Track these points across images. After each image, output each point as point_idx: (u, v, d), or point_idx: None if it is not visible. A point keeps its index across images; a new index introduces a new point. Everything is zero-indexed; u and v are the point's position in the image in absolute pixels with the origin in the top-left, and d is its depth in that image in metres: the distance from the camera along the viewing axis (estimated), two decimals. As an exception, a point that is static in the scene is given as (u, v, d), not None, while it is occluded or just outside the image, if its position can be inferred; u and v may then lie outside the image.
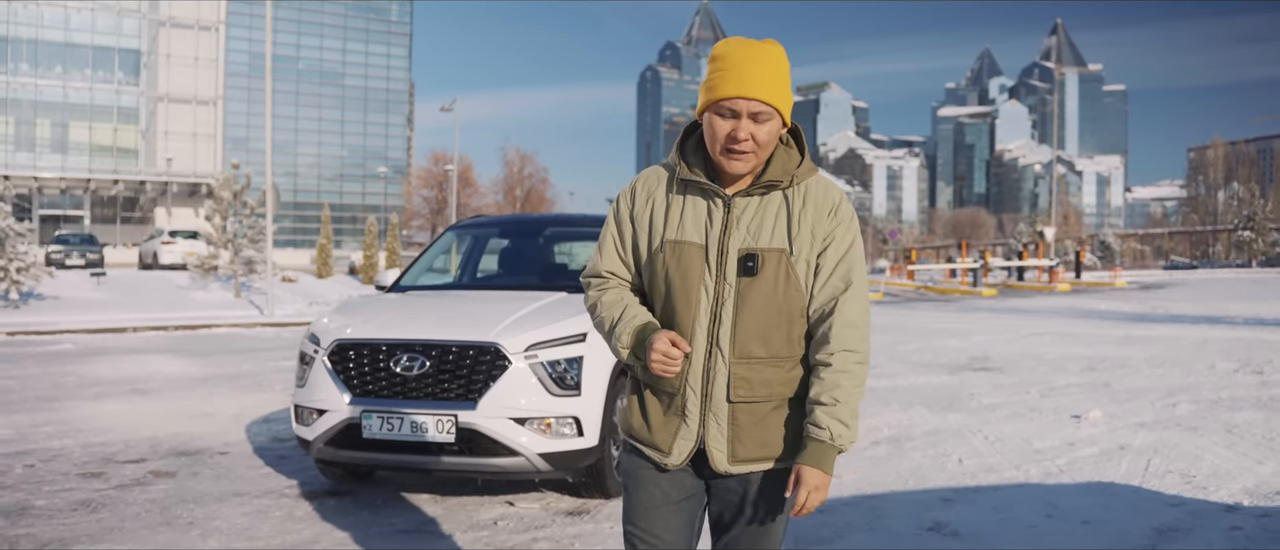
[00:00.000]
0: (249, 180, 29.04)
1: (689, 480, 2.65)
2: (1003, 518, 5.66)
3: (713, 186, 2.57)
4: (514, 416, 5.49)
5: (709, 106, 2.53)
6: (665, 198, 2.65)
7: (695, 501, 2.67)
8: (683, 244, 2.58)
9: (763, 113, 2.49)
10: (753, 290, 2.54)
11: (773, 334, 2.55)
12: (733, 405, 2.56)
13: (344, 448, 5.73)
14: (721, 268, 2.55)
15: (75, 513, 5.80)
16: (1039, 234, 54.15)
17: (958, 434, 8.27)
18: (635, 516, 2.66)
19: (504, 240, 7.96)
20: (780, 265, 2.55)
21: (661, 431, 2.60)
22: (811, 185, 2.61)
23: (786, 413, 2.59)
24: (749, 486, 2.62)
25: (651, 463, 2.63)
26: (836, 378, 2.50)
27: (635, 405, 2.68)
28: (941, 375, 12.35)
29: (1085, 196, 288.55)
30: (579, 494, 6.15)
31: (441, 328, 5.79)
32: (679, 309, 2.57)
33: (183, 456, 7.49)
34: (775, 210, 2.58)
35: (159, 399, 10.65)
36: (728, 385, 2.54)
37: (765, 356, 2.56)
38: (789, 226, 2.57)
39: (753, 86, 2.47)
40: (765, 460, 2.58)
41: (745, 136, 2.49)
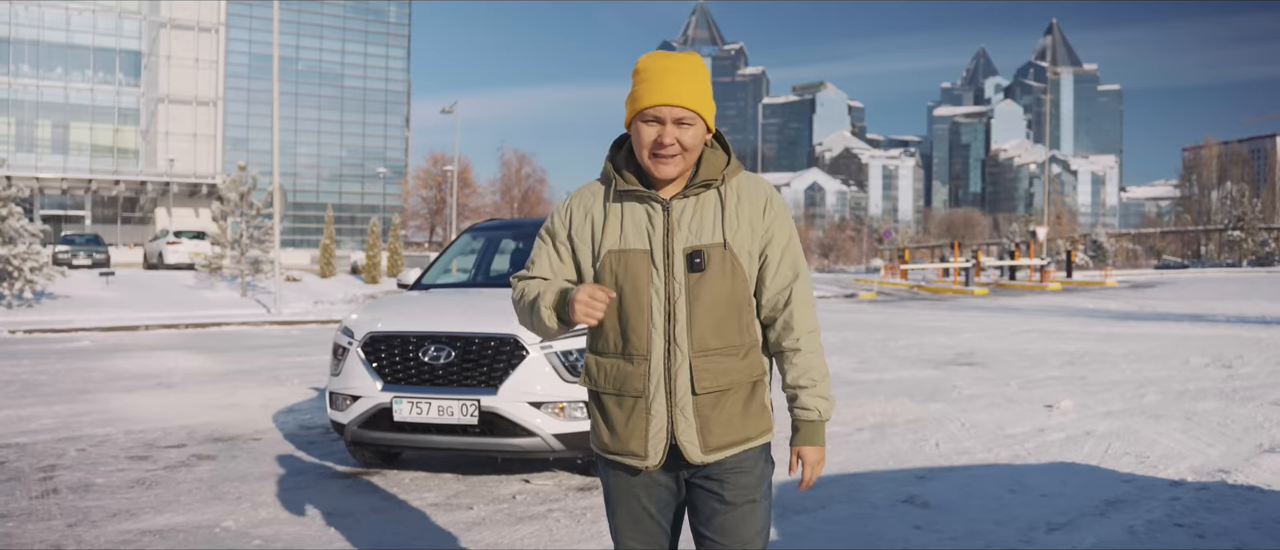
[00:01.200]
0: (255, 181, 29.63)
1: (665, 488, 2.77)
2: (970, 492, 6.29)
3: (649, 193, 2.69)
4: (531, 401, 6.12)
5: (636, 116, 2.67)
6: (603, 210, 2.76)
7: (673, 507, 2.81)
8: (627, 252, 2.69)
9: (685, 118, 2.64)
10: (702, 286, 2.67)
11: (726, 325, 2.69)
12: (697, 397, 2.67)
13: (376, 430, 6.35)
14: (669, 268, 2.67)
15: (133, 489, 6.42)
16: (1031, 234, 54.81)
17: (937, 421, 8.90)
18: (621, 533, 2.80)
19: (516, 241, 8.61)
20: (725, 259, 2.69)
21: (633, 438, 2.69)
22: (743, 182, 2.76)
23: (746, 396, 2.73)
24: (724, 474, 2.72)
25: (627, 471, 2.75)
26: (809, 360, 2.73)
27: (600, 419, 2.77)
28: (927, 369, 12.98)
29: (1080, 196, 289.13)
30: (588, 473, 6.78)
31: (465, 321, 6.42)
32: (632, 315, 2.67)
33: (219, 442, 8.11)
34: (712, 208, 2.71)
35: (185, 392, 11.25)
36: (691, 379, 2.66)
37: (721, 347, 2.69)
38: (726, 222, 2.71)
39: (674, 94, 2.62)
40: (735, 445, 2.71)
41: (671, 141, 2.63)
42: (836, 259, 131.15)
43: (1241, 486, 6.31)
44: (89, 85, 71.00)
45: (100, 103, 71.50)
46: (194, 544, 5.16)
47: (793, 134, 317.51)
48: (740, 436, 2.70)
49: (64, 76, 70.53)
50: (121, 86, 71.89)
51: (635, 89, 2.68)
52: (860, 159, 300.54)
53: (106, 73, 71.68)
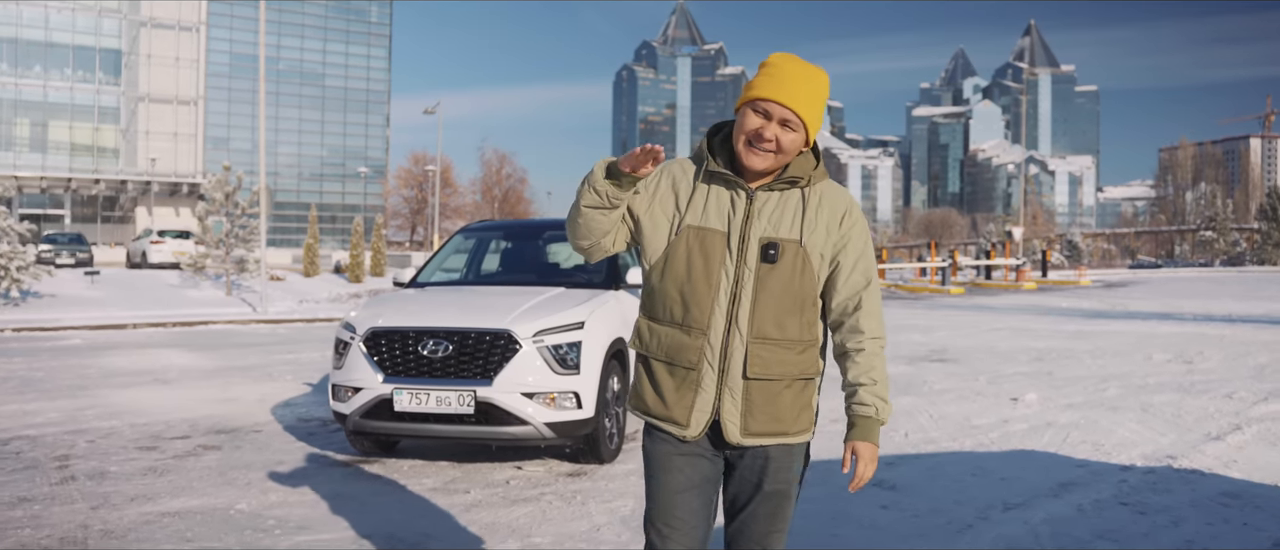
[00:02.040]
0: (241, 181, 29.90)
1: (706, 463, 2.84)
2: (935, 476, 6.73)
3: (737, 179, 2.78)
4: (524, 391, 6.53)
5: (747, 102, 2.74)
6: (691, 185, 2.83)
7: (713, 485, 2.86)
8: (706, 230, 2.77)
9: (791, 121, 2.71)
10: (772, 276, 2.75)
11: (787, 318, 2.77)
12: (748, 381, 2.75)
13: (378, 420, 6.76)
14: (742, 254, 2.75)
15: (146, 476, 6.79)
16: (1007, 234, 55.47)
17: (907, 413, 9.34)
18: (659, 502, 2.83)
19: (507, 242, 9.03)
20: (797, 255, 2.77)
21: (677, 405, 2.79)
22: (826, 188, 2.85)
23: (797, 391, 2.82)
24: (763, 462, 2.82)
25: (672, 438, 2.82)
26: (872, 360, 2.82)
27: (647, 383, 2.86)
28: (900, 365, 13.42)
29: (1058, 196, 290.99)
30: (577, 460, 7.19)
31: (461, 317, 6.83)
32: (699, 289, 2.76)
33: (222, 433, 8.48)
34: (794, 206, 2.80)
35: (182, 387, 11.59)
36: (744, 362, 2.75)
37: (779, 338, 2.77)
38: (804, 221, 2.80)
39: (789, 96, 2.69)
40: (775, 435, 2.79)
41: (770, 137, 2.70)
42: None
43: (1185, 470, 6.78)
44: (68, 84, 70.88)
45: (80, 101, 71.37)
46: (212, 524, 5.55)
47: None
48: (781, 428, 2.80)
49: (43, 75, 70.38)
50: (101, 85, 71.78)
51: (758, 78, 2.76)
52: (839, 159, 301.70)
53: (86, 71, 71.57)
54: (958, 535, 5.31)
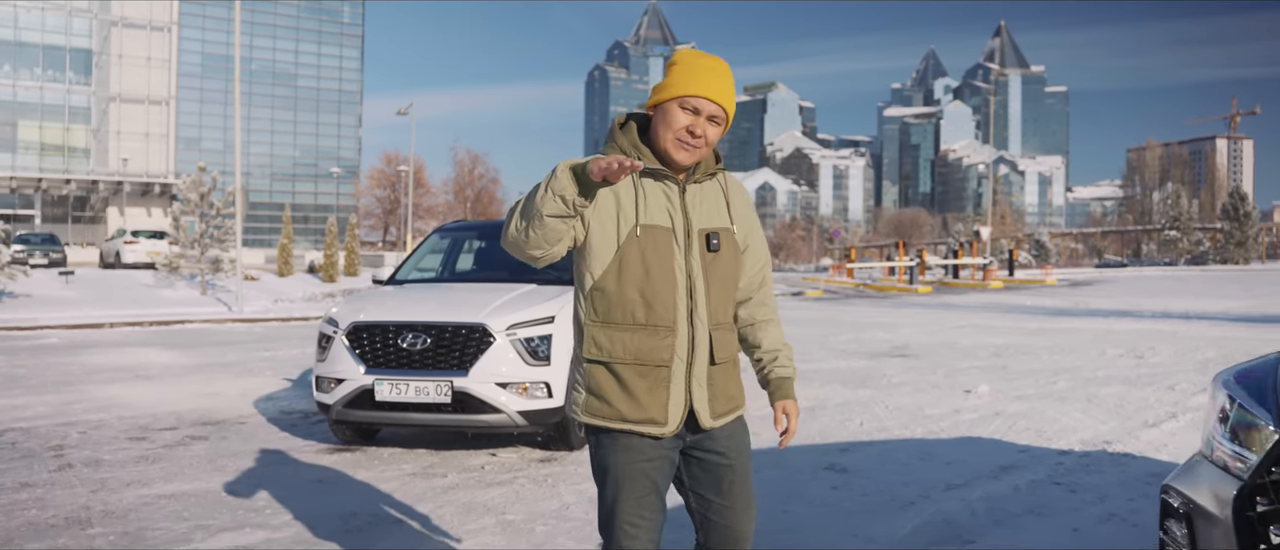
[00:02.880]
0: (216, 182, 30.10)
1: (668, 459, 2.87)
2: (885, 460, 7.17)
3: (670, 174, 2.83)
4: (498, 381, 6.94)
5: (673, 100, 2.78)
6: (631, 184, 2.82)
7: (672, 472, 2.92)
8: (655, 228, 2.79)
9: (718, 117, 2.79)
10: (716, 265, 2.85)
11: (728, 302, 2.92)
12: (712, 367, 2.86)
13: (360, 409, 7.15)
14: (689, 247, 2.82)
15: (139, 464, 7.15)
16: (975, 233, 56.20)
17: (864, 405, 9.80)
18: (622, 502, 2.82)
19: (481, 241, 9.43)
20: (731, 242, 2.90)
21: (653, 405, 2.79)
22: (732, 179, 3.01)
23: (735, 367, 2.97)
24: (727, 440, 2.92)
25: (638, 442, 2.81)
26: (779, 329, 3.08)
27: (615, 389, 2.81)
28: (861, 360, 13.89)
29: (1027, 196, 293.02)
30: (548, 447, 7.59)
31: (438, 312, 7.23)
32: (661, 287, 2.79)
33: (208, 425, 8.83)
34: (716, 196, 2.92)
35: (164, 383, 11.90)
36: (710, 350, 2.84)
37: (726, 322, 2.92)
38: (729, 210, 2.94)
39: (719, 92, 2.77)
40: (732, 412, 2.93)
41: (701, 133, 2.77)
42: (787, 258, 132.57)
43: (1119, 453, 7.26)
44: (38, 83, 70.64)
45: (50, 101, 71.16)
46: (206, 505, 5.92)
47: (744, 134, 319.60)
48: (735, 404, 2.94)
49: (12, 74, 70.13)
50: (72, 85, 71.58)
51: (676, 75, 2.80)
52: (811, 159, 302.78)
53: (56, 71, 71.33)
54: (900, 512, 5.75)
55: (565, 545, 5.13)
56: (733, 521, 2.91)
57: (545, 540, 5.21)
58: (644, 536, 2.80)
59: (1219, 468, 2.53)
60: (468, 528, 5.45)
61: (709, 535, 2.94)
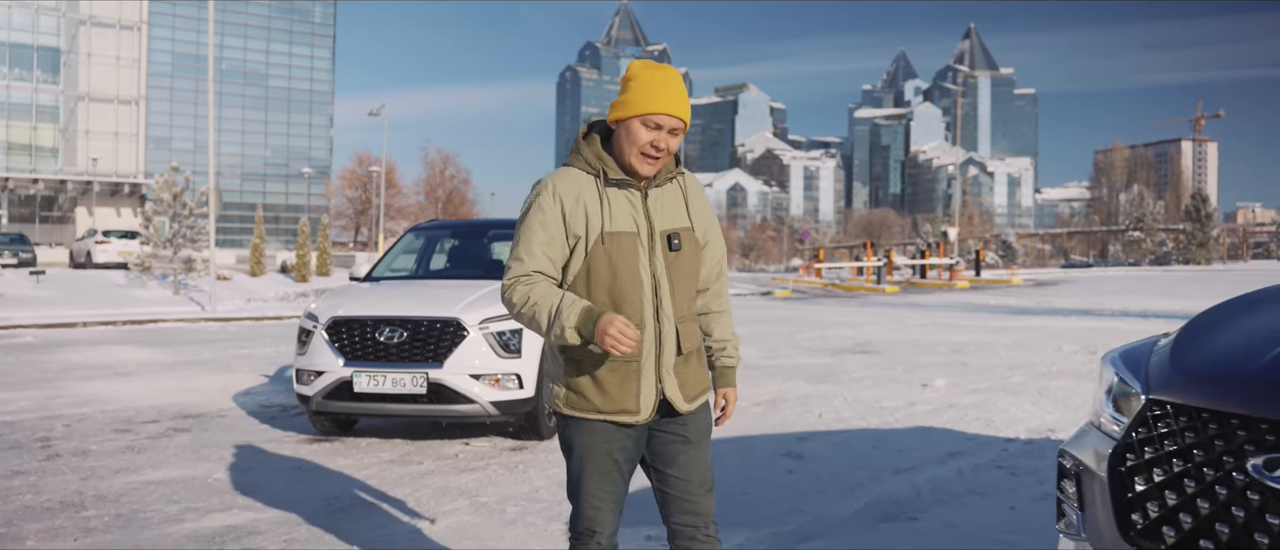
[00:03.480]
0: (188, 182, 30.22)
1: (633, 442, 3.10)
2: (840, 448, 7.55)
3: (632, 182, 3.04)
4: (471, 373, 7.27)
5: (635, 116, 2.96)
6: (597, 195, 3.01)
7: (638, 453, 3.15)
8: (619, 234, 2.98)
9: (677, 128, 2.99)
10: (678, 263, 3.06)
11: (691, 296, 3.14)
12: (680, 358, 3.08)
13: (339, 400, 7.46)
14: (652, 248, 3.02)
15: (126, 453, 7.44)
16: (943, 234, 56.87)
17: (824, 398, 10.18)
18: (588, 480, 3.07)
19: (454, 240, 9.77)
20: (691, 240, 3.11)
21: (625, 396, 3.01)
22: (690, 179, 3.20)
23: (701, 354, 3.21)
24: (686, 419, 3.13)
25: (606, 429, 3.04)
26: (730, 320, 3.32)
27: (588, 384, 3.03)
28: (825, 357, 14.29)
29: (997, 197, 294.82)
30: (519, 436, 7.92)
31: (414, 306, 7.56)
32: (627, 288, 2.99)
33: (189, 418, 9.11)
34: (676, 198, 3.12)
35: (143, 380, 12.15)
36: (677, 342, 3.06)
37: (690, 315, 3.14)
38: (690, 210, 3.14)
39: (677, 106, 2.96)
40: (701, 395, 3.16)
41: (663, 146, 2.97)
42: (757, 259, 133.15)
43: (1061, 440, 7.65)
44: (4, 82, 70.10)
45: (16, 100, 70.60)
46: (193, 490, 6.23)
47: (715, 135, 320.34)
48: (703, 386, 3.18)
49: (-23, 72, 69.56)
50: (39, 84, 71.05)
51: (636, 92, 2.97)
52: (782, 160, 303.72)
53: (23, 69, 70.79)
54: (850, 492, 6.13)
55: (535, 523, 5.47)
56: (690, 494, 3.13)
57: (516, 518, 5.56)
58: (605, 508, 3.07)
59: (1103, 433, 2.90)
60: (442, 508, 5.78)
61: (669, 510, 3.16)
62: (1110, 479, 2.65)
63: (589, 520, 3.09)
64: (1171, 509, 2.46)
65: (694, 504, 3.13)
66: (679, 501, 3.13)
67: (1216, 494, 2.35)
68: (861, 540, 5.13)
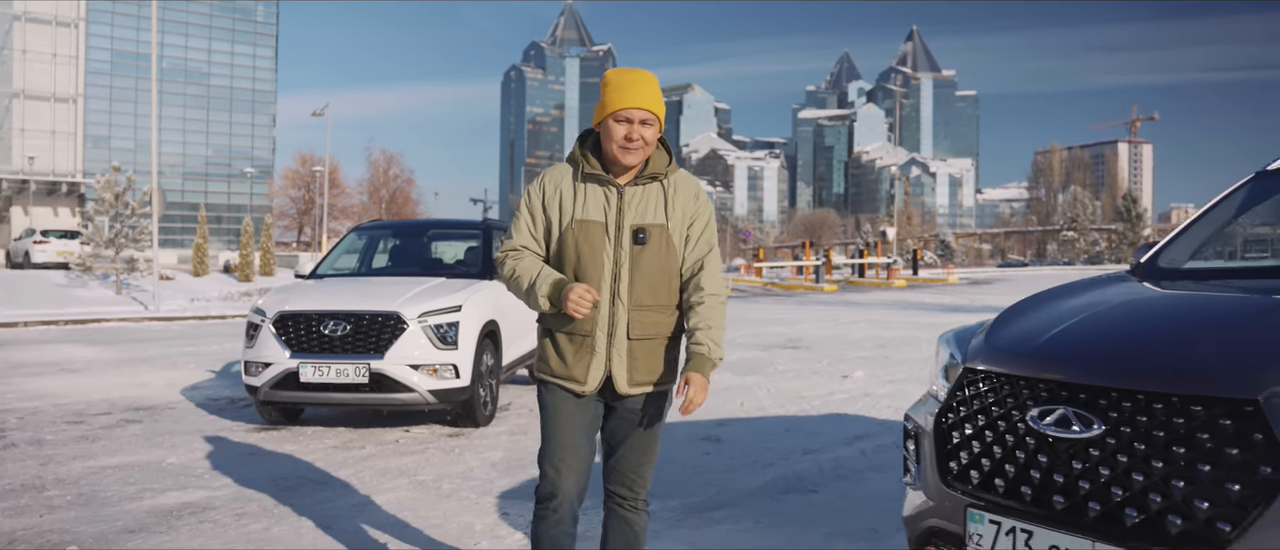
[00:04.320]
0: (131, 182, 30.24)
1: (592, 410, 3.48)
2: (756, 432, 8.12)
3: (608, 178, 3.41)
4: (410, 364, 7.76)
5: (609, 116, 3.36)
6: (572, 187, 3.44)
7: (595, 425, 3.52)
8: (588, 222, 3.38)
9: (648, 119, 3.36)
10: (643, 255, 3.38)
11: (659, 288, 3.41)
12: (631, 342, 3.38)
13: (286, 390, 7.92)
14: (619, 239, 3.38)
15: (81, 442, 7.83)
16: (881, 234, 57.92)
17: (748, 389, 10.76)
18: (555, 441, 3.45)
19: (396, 239, 10.25)
20: (662, 236, 3.41)
21: (576, 366, 3.41)
22: (680, 178, 3.51)
23: (666, 348, 3.46)
24: (639, 405, 3.46)
25: (569, 393, 3.44)
26: (710, 310, 3.42)
27: (551, 350, 3.46)
28: (755, 351, 14.88)
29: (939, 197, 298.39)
30: (456, 424, 8.41)
31: (357, 301, 8.03)
32: (588, 270, 3.38)
33: (140, 410, 9.49)
34: (656, 196, 3.44)
35: (90, 376, 12.44)
36: (627, 327, 3.39)
37: (654, 304, 3.40)
38: (666, 208, 3.43)
39: (640, 100, 3.33)
40: (651, 384, 3.44)
41: (637, 137, 3.34)
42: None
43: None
44: (-65, 78, 69.00)
45: (-53, 97, 69.52)
46: (149, 473, 6.66)
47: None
48: (656, 378, 3.45)
49: (-95, 68, 68.40)
50: (-29, 80, 70.00)
51: (608, 95, 3.39)
52: (726, 160, 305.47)
53: (-46, 65, 69.72)
54: (759, 470, 6.69)
55: (468, 497, 5.98)
56: (629, 469, 3.53)
57: (450, 493, 6.06)
58: (567, 471, 3.44)
59: (935, 399, 3.46)
60: (383, 486, 6.27)
61: (609, 478, 3.57)
62: (935, 435, 3.21)
63: (551, 484, 3.45)
64: (976, 455, 3.03)
65: (630, 478, 3.54)
66: (619, 473, 3.55)
67: (1006, 441, 2.92)
68: (763, 509, 5.69)
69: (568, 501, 3.47)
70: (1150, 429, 2.59)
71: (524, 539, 5.08)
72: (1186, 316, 3.17)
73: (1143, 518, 2.55)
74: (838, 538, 5.10)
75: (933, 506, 3.21)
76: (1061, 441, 2.75)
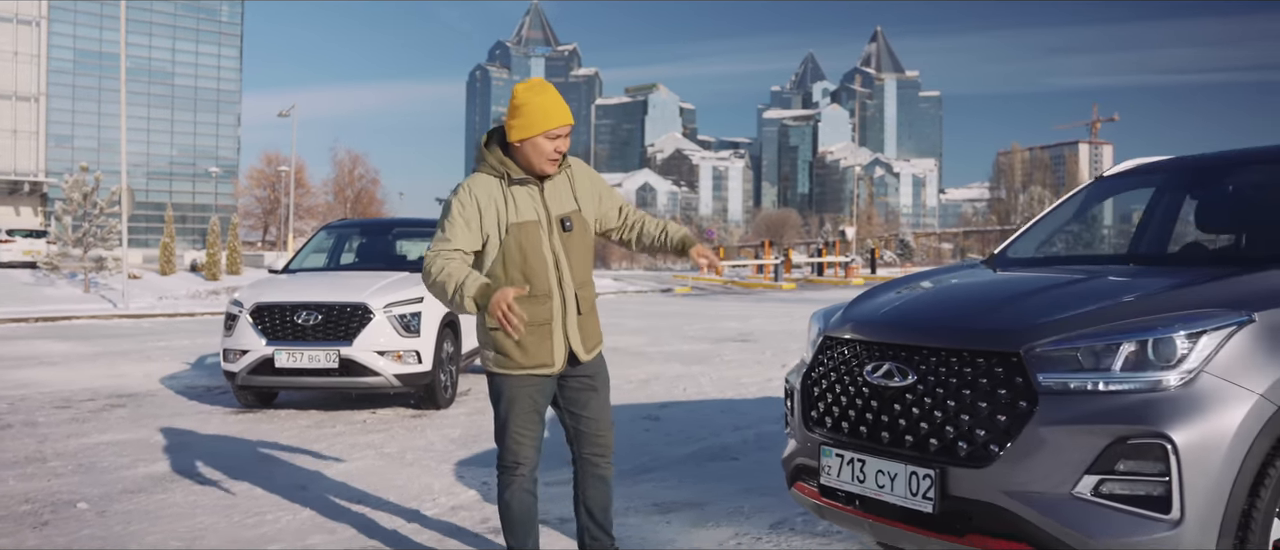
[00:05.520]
0: (99, 182, 30.69)
1: (550, 385, 3.92)
2: (693, 413, 8.91)
3: (532, 180, 3.86)
4: (377, 350, 8.51)
5: (541, 134, 3.74)
6: (502, 194, 3.81)
7: (548, 400, 3.95)
8: (524, 223, 3.80)
9: (567, 131, 3.82)
10: (572, 241, 3.88)
11: (587, 264, 3.94)
12: (581, 317, 3.91)
13: (261, 375, 8.65)
14: (551, 231, 3.84)
15: (73, 423, 8.51)
16: (841, 233, 58.96)
17: (693, 378, 11.54)
18: (515, 418, 3.87)
19: (363, 237, 11.00)
20: (580, 221, 3.92)
21: (540, 352, 3.82)
22: (576, 167, 4.00)
23: (596, 314, 4.03)
24: (591, 371, 3.98)
25: (528, 380, 3.85)
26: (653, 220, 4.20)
27: (511, 346, 3.80)
28: (705, 344, 15.67)
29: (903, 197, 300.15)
30: (419, 407, 9.15)
31: (327, 293, 8.78)
32: (535, 265, 3.79)
33: (123, 397, 10.16)
34: (565, 187, 3.92)
35: (69, 367, 13.05)
36: (577, 305, 3.89)
37: (586, 280, 3.94)
38: (575, 195, 3.94)
39: (565, 116, 3.79)
40: (598, 346, 4.01)
41: (563, 149, 3.83)
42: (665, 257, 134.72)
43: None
44: (-106, 76, 68.65)
45: (-95, 95, 69.20)
46: (141, 449, 7.36)
47: (625, 135, 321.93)
48: (598, 340, 4.03)
49: None
50: (-72, 79, 69.69)
51: (532, 115, 3.74)
52: (691, 160, 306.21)
53: (-88, 63, 69.41)
54: (690, 443, 7.48)
55: (429, 464, 6.73)
56: (596, 429, 4.02)
57: (413, 462, 6.82)
58: (527, 444, 3.92)
59: (805, 363, 4.25)
60: (352, 457, 7.01)
61: (581, 445, 4.03)
62: (801, 391, 4.00)
63: (514, 455, 3.92)
64: (829, 405, 3.82)
65: (601, 439, 4.05)
66: (589, 437, 4.02)
67: (850, 392, 3.71)
68: (688, 472, 6.48)
69: (531, 468, 3.94)
70: (947, 377, 3.40)
71: (477, 496, 5.84)
72: (984, 294, 4.00)
73: (940, 444, 3.35)
74: (748, 492, 5.88)
75: (799, 448, 4.00)
76: (886, 389, 3.55)
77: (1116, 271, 4.12)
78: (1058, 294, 3.69)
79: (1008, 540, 3.23)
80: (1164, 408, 3.09)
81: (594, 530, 4.11)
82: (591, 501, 4.09)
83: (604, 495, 4.10)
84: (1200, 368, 3.14)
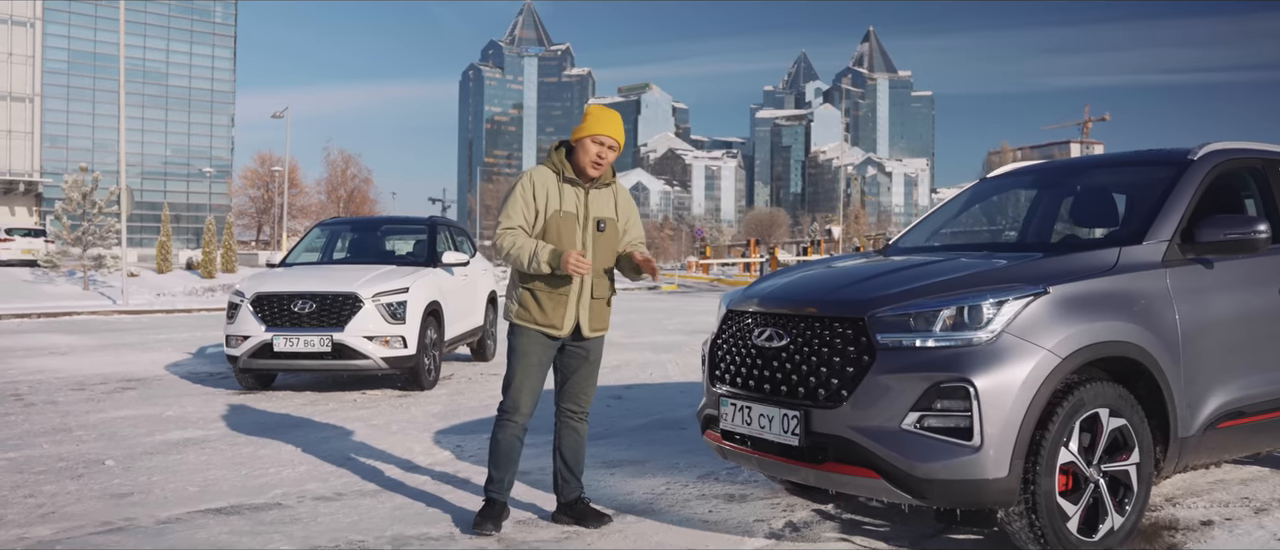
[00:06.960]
0: (97, 182, 31.51)
1: (553, 348, 4.78)
2: (656, 394, 9.80)
3: (579, 181, 4.75)
4: (366, 335, 9.40)
5: (588, 137, 4.65)
6: (555, 187, 4.71)
7: (550, 362, 4.84)
8: (565, 213, 4.68)
9: (614, 147, 4.69)
10: (602, 240, 4.75)
11: (609, 261, 4.80)
12: (593, 300, 4.75)
13: (261, 358, 9.54)
14: (586, 226, 4.71)
15: (90, 402, 9.38)
16: (827, 232, 59.91)
17: (660, 364, 12.43)
18: (523, 371, 4.73)
19: (354, 233, 11.93)
20: (612, 226, 4.80)
21: (554, 315, 4.69)
22: (619, 186, 4.91)
23: (608, 305, 4.87)
24: (590, 347, 4.84)
25: (543, 336, 4.72)
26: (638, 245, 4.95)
27: (533, 303, 4.68)
28: (679, 336, 16.57)
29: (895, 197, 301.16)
30: (405, 389, 10.04)
31: (322, 284, 9.67)
32: (567, 248, 4.61)
33: (133, 380, 11.03)
34: (608, 198, 4.82)
35: (78, 357, 13.90)
36: (591, 289, 4.76)
37: (603, 274, 4.79)
38: (616, 207, 4.84)
39: (614, 130, 4.68)
40: (601, 330, 4.85)
41: (604, 158, 4.68)
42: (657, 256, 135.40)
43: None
44: (-111, 76, 69.17)
45: (-99, 96, 69.71)
46: (155, 422, 8.23)
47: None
48: (603, 326, 4.88)
49: None
50: (-75, 79, 70.21)
51: (590, 122, 4.68)
52: (684, 160, 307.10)
53: (-92, 64, 69.92)
54: (646, 416, 8.38)
55: (412, 432, 7.63)
56: (579, 389, 4.93)
57: (398, 431, 7.71)
58: (526, 393, 4.79)
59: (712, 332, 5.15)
60: (345, 428, 7.90)
61: (563, 398, 4.93)
62: (708, 355, 4.91)
63: (514, 401, 4.79)
64: (728, 365, 4.72)
65: (580, 397, 4.95)
66: (572, 395, 4.94)
67: (742, 353, 4.62)
68: (637, 438, 7.39)
69: (524, 416, 4.81)
70: (811, 338, 4.31)
71: (451, 455, 6.74)
72: (852, 274, 4.91)
73: (805, 391, 4.26)
74: (685, 453, 6.79)
75: (707, 402, 4.92)
76: (768, 349, 4.46)
77: (971, 256, 5.02)
78: (908, 273, 4.60)
79: (855, 465, 4.13)
80: (971, 359, 4.00)
81: (566, 473, 5.00)
82: (566, 449, 4.97)
83: (577, 446, 4.97)
84: (1002, 328, 4.05)
